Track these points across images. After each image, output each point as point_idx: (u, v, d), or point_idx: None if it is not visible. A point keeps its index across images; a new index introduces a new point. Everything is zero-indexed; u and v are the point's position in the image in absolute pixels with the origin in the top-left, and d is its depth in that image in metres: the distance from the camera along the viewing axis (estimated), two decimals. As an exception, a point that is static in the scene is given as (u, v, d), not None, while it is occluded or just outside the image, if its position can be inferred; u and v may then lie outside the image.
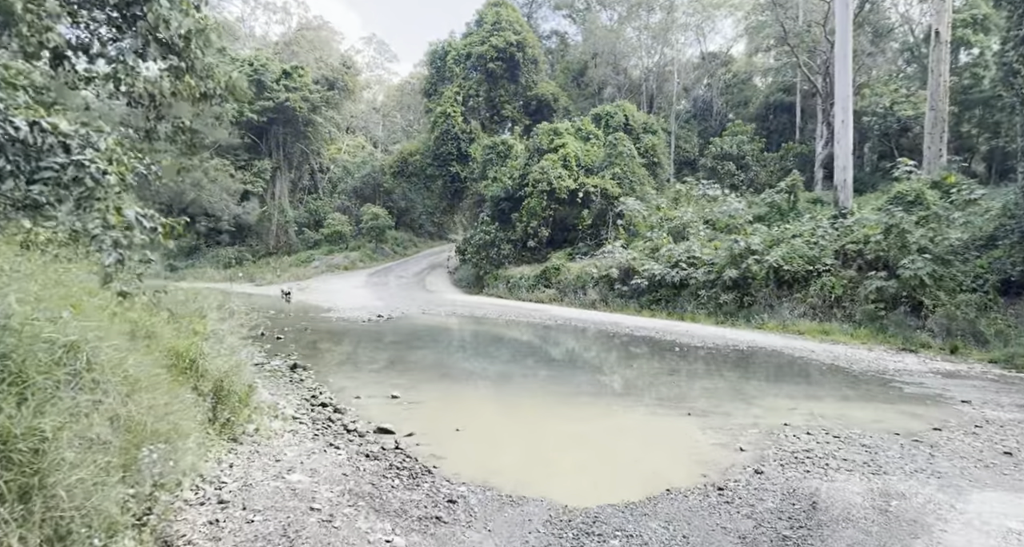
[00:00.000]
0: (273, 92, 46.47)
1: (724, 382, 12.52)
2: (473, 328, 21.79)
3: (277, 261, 46.80)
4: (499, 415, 10.02)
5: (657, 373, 13.51)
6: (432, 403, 10.52)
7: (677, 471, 7.17)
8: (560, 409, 10.44)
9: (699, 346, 17.18)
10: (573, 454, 7.90)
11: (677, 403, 10.57)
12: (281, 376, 11.88)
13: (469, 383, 12.29)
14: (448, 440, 8.29)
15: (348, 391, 10.98)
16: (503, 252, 33.04)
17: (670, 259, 24.85)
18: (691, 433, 8.68)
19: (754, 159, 39.61)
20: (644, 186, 31.84)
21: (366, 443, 7.71)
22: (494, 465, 7.27)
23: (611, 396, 11.45)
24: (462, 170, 38.54)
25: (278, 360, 13.67)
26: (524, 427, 9.28)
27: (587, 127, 34.09)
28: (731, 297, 22.51)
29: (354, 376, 12.62)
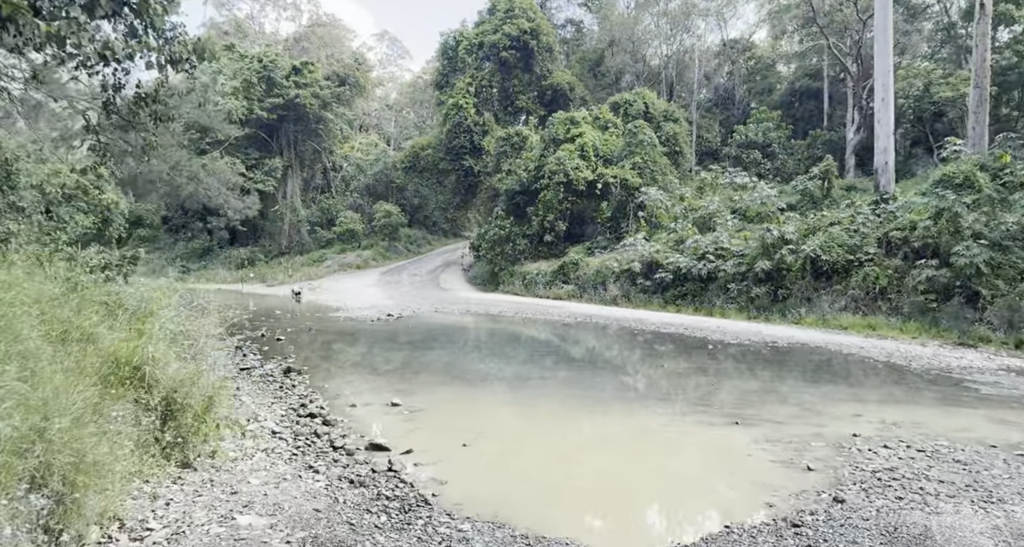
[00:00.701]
0: (283, 88, 45.53)
1: (768, 384, 11.06)
2: (488, 327, 20.48)
3: (289, 261, 45.89)
4: (514, 426, 8.68)
5: (690, 374, 12.08)
6: (438, 411, 9.21)
7: (735, 499, 5.78)
8: (584, 417, 9.07)
9: (733, 343, 15.70)
10: (603, 476, 6.53)
11: (719, 410, 9.15)
12: (271, 382, 10.65)
13: (481, 387, 10.97)
14: (453, 458, 6.97)
15: (344, 398, 9.71)
16: (519, 247, 31.67)
17: (696, 251, 23.34)
18: (743, 447, 7.27)
19: (781, 147, 37.85)
20: (666, 176, 30.29)
21: (353, 464, 6.41)
22: (507, 492, 5.94)
23: (641, 401, 10.05)
24: (475, 164, 37.25)
25: (272, 364, 12.45)
26: (543, 441, 7.92)
27: (605, 116, 32.61)
28: (764, 290, 20.96)
29: (353, 381, 11.36)
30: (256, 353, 13.95)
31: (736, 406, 9.33)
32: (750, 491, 5.89)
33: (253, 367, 12.04)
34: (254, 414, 8.08)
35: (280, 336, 16.70)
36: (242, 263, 46.31)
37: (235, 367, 11.92)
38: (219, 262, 48.33)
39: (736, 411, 8.96)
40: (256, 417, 7.98)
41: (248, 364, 12.33)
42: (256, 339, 16.32)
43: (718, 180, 29.11)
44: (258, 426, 7.55)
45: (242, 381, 10.62)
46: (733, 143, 38.29)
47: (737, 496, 5.86)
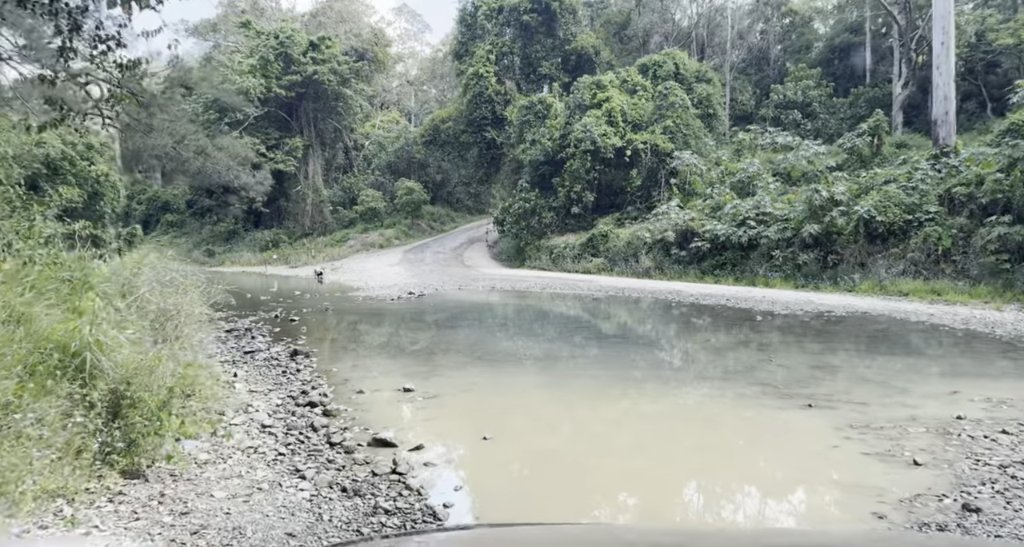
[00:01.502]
0: (300, 65, 44.40)
1: (835, 358, 9.69)
2: (513, 303, 19.30)
3: (312, 242, 45.26)
4: (542, 413, 7.49)
5: (741, 349, 10.75)
6: (456, 397, 8.06)
7: (829, 507, 4.51)
8: (624, 400, 7.83)
9: (782, 313, 14.28)
10: (655, 475, 5.31)
11: (784, 390, 7.83)
12: (275, 366, 9.60)
13: (505, 369, 9.79)
14: (471, 455, 5.82)
15: (352, 384, 8.62)
16: (545, 221, 30.30)
17: (736, 217, 21.75)
18: (824, 435, 5.97)
19: (822, 106, 35.64)
20: (700, 139, 28.52)
21: (351, 465, 5.29)
22: (538, 499, 4.77)
23: (691, 380, 8.77)
24: (498, 135, 35.77)
25: (280, 346, 11.43)
26: (578, 429, 6.72)
27: (633, 79, 30.80)
28: (812, 256, 19.37)
29: (365, 364, 10.27)
30: (266, 335, 12.97)
31: (803, 385, 7.99)
32: (848, 497, 4.61)
33: (258, 350, 11.04)
34: (245, 404, 7.01)
35: (294, 317, 15.73)
36: (266, 245, 45.84)
37: (238, 350, 10.95)
38: (244, 245, 47.96)
39: (805, 391, 7.64)
40: (247, 407, 6.91)
41: (254, 346, 11.34)
42: (269, 320, 15.39)
43: (757, 141, 27.26)
44: (246, 419, 6.48)
45: (244, 366, 9.61)
46: (770, 103, 36.16)
47: (833, 502, 4.59)
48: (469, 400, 8.06)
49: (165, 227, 52.86)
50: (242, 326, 14.02)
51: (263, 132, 45.21)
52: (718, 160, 26.39)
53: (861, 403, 6.97)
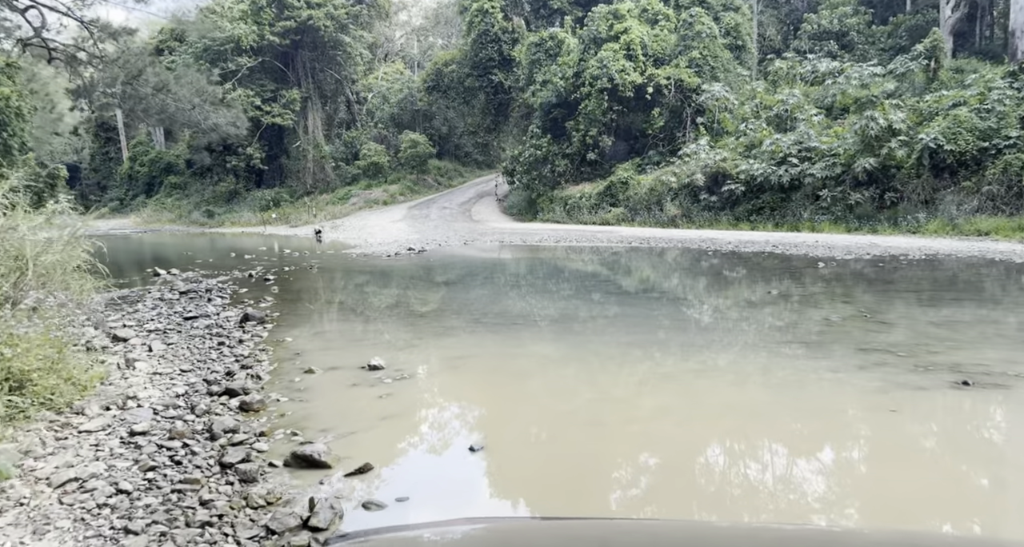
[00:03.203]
0: (295, 10, 41.41)
1: (952, 310, 7.36)
2: (523, 257, 17.03)
3: (313, 200, 43.07)
4: (556, 397, 5.29)
5: (821, 302, 8.43)
6: (438, 377, 5.90)
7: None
8: (701, 379, 5.60)
9: (848, 258, 11.90)
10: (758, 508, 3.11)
11: (910, 358, 5.53)
12: (215, 336, 7.47)
13: (508, 335, 7.58)
14: (446, 481, 3.65)
15: (304, 358, 6.47)
16: (558, 169, 27.69)
17: (775, 154, 19.12)
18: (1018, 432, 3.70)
19: (860, 35, 32.23)
20: (730, 72, 25.55)
21: (237, 512, 3.13)
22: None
23: (778, 350, 6.49)
24: (505, 78, 32.85)
25: (235, 310, 9.30)
26: (614, 424, 4.51)
27: (654, 7, 27.68)
28: (866, 195, 16.83)
29: (333, 330, 8.12)
30: (226, 297, 10.86)
31: (932, 350, 5.72)
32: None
33: (204, 315, 8.92)
34: (125, 397, 4.86)
35: (270, 276, 13.61)
36: (267, 205, 43.80)
37: (179, 316, 8.83)
38: (245, 205, 45.94)
39: (941, 359, 5.37)
40: (127, 401, 4.77)
41: (201, 311, 9.22)
42: (242, 280, 13.30)
43: (795, 71, 24.27)
44: (111, 422, 4.34)
45: (173, 336, 7.50)
46: (803, 34, 32.78)
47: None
48: (455, 381, 5.88)
49: (168, 189, 50.95)
50: (203, 287, 11.93)
51: (258, 84, 42.63)
52: (753, 92, 23.49)
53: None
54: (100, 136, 58.85)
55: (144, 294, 11.36)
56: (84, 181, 60.72)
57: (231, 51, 41.55)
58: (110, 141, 59.21)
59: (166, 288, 11.94)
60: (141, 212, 50.64)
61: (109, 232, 38.63)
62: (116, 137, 58.78)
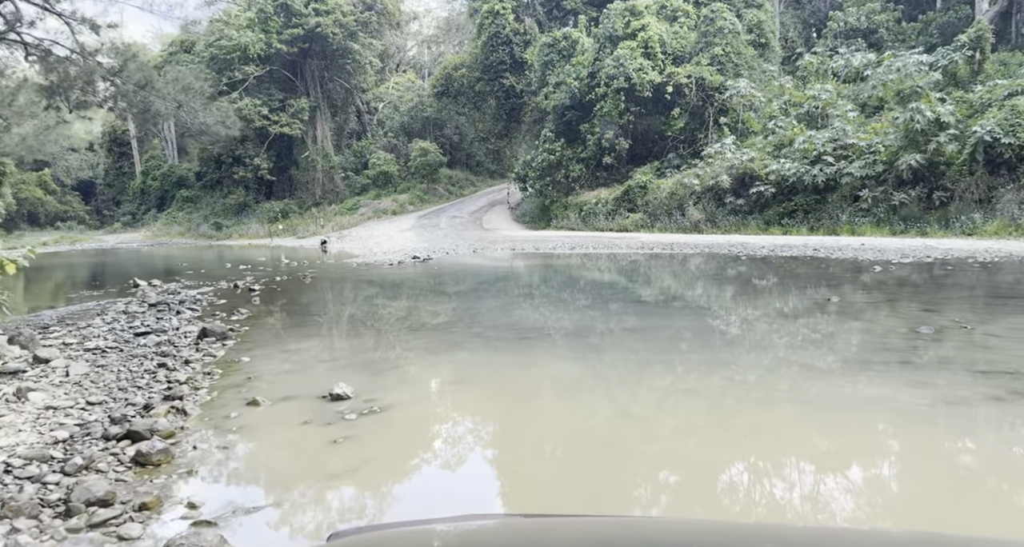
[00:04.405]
0: (302, 18, 40.69)
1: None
2: (534, 266, 15.68)
3: (322, 211, 42.14)
4: (571, 416, 3.90)
5: (890, 311, 6.99)
6: (416, 410, 4.55)
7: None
8: (773, 412, 4.20)
9: (905, 262, 10.41)
10: None
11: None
12: (164, 355, 6.19)
13: (510, 353, 6.20)
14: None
15: (254, 385, 5.15)
16: (572, 174, 26.34)
17: (808, 153, 17.65)
18: None
19: (890, 33, 30.68)
20: (754, 70, 24.13)
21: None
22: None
23: (852, 365, 5.06)
24: (517, 82, 31.64)
25: (199, 325, 8.01)
26: (633, 443, 3.12)
27: (673, 3, 26.40)
28: (912, 195, 15.31)
29: (304, 348, 6.79)
30: (197, 310, 9.60)
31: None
32: None
33: (160, 330, 7.65)
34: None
35: (256, 286, 12.36)
36: (275, 216, 42.98)
37: (128, 331, 7.57)
38: (253, 217, 45.21)
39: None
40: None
41: (161, 326, 7.96)
42: (225, 291, 12.09)
43: (826, 65, 22.78)
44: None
45: (112, 355, 6.23)
46: (828, 33, 31.30)
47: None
48: (438, 416, 4.52)
49: (180, 203, 50.44)
50: (178, 299, 10.70)
51: (266, 93, 41.94)
52: (781, 89, 22.03)
53: None
54: (114, 151, 58.73)
55: (109, 307, 10.17)
56: (99, 196, 60.58)
57: (238, 60, 40.91)
58: (123, 156, 59.00)
59: (137, 300, 10.75)
60: (151, 226, 50.10)
61: (116, 246, 37.93)
62: (129, 152, 58.54)
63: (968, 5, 32.55)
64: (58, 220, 55.99)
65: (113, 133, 57.03)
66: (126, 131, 56.57)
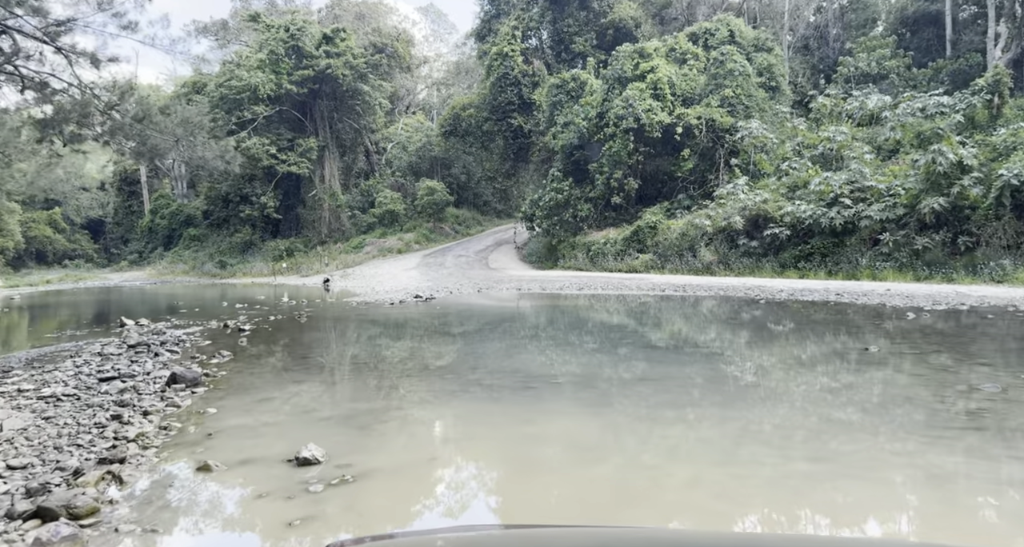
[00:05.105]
0: (312, 59, 41.16)
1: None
2: (541, 306, 15.01)
3: (327, 250, 41.84)
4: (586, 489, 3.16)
5: (949, 367, 6.24)
6: (397, 481, 3.82)
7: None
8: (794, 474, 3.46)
9: (939, 310, 9.68)
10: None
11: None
12: (115, 405, 5.51)
13: (512, 403, 5.48)
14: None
15: (214, 443, 4.45)
16: (580, 214, 25.88)
17: (824, 194, 17.11)
18: None
19: (900, 79, 30.54)
20: (765, 112, 23.82)
21: None
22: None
23: (905, 430, 4.32)
24: (525, 122, 31.54)
25: (176, 368, 7.33)
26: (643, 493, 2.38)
27: (683, 46, 26.34)
28: (936, 239, 14.64)
29: (281, 397, 6.08)
30: (178, 352, 8.93)
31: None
32: None
33: (130, 375, 6.98)
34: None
35: (246, 326, 11.71)
36: (280, 255, 42.71)
37: (92, 376, 6.89)
38: (259, 255, 44.99)
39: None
40: None
41: (129, 370, 7.28)
42: (214, 331, 11.44)
43: (840, 108, 22.44)
44: None
45: (66, 404, 5.56)
46: (839, 78, 31.20)
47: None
48: (423, 488, 3.79)
49: (187, 241, 50.42)
50: (160, 340, 10.05)
51: (275, 132, 42.15)
52: (794, 130, 21.64)
53: None
54: (124, 190, 59.10)
55: (85, 347, 9.53)
56: (108, 235, 60.75)
57: (248, 100, 41.24)
58: (133, 195, 59.35)
59: (117, 340, 10.11)
60: (157, 264, 49.91)
61: (120, 284, 37.50)
62: (139, 191, 58.90)
63: (979, 53, 32.54)
64: (66, 258, 55.88)
65: (124, 172, 57.47)
66: (136, 170, 57.00)
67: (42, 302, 24.21)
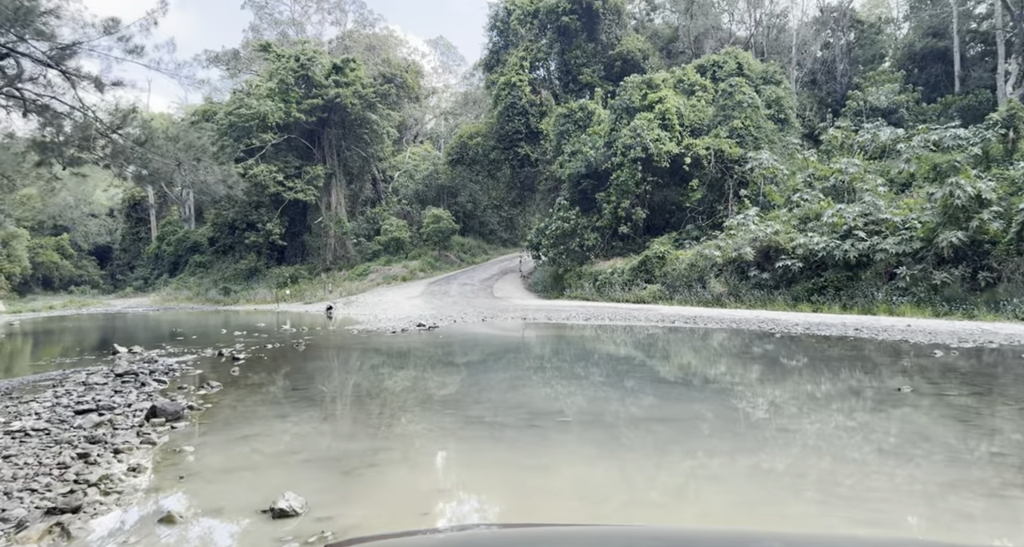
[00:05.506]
0: (322, 88, 41.48)
1: None
2: (547, 336, 14.56)
3: (331, 277, 41.57)
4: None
5: (998, 412, 5.76)
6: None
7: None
8: None
9: (970, 348, 9.20)
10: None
11: None
12: (90, 442, 5.08)
13: (512, 447, 5.02)
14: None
15: (184, 488, 4.01)
16: (587, 243, 25.55)
17: (837, 227, 16.73)
18: None
19: (910, 113, 30.41)
20: (775, 143, 23.61)
21: None
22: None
23: (972, 489, 3.85)
24: (532, 151, 31.46)
25: (162, 400, 6.91)
26: None
27: (691, 77, 26.32)
28: (955, 274, 14.19)
29: (263, 435, 5.64)
30: (166, 382, 8.51)
31: None
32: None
33: (109, 406, 6.56)
34: None
35: (241, 355, 11.29)
36: (285, 282, 42.49)
37: (69, 408, 6.48)
38: (263, 282, 44.75)
39: None
40: None
41: (109, 402, 6.86)
42: (207, 360, 11.03)
43: (851, 140, 22.20)
44: None
45: (32, 440, 5.14)
46: (848, 112, 31.10)
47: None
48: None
49: (193, 268, 50.37)
50: (150, 368, 9.65)
51: (282, 160, 42.26)
52: (805, 162, 21.37)
53: None
54: (132, 217, 59.31)
55: (70, 376, 9.12)
56: (115, 261, 60.80)
57: (256, 127, 41.47)
58: (141, 222, 59.54)
59: (105, 369, 9.70)
60: (161, 291, 49.69)
61: (123, 310, 37.21)
62: (147, 218, 59.10)
63: (988, 89, 32.50)
64: (72, 284, 55.78)
65: (132, 199, 57.75)
66: (145, 197, 57.29)
67: (41, 328, 23.90)
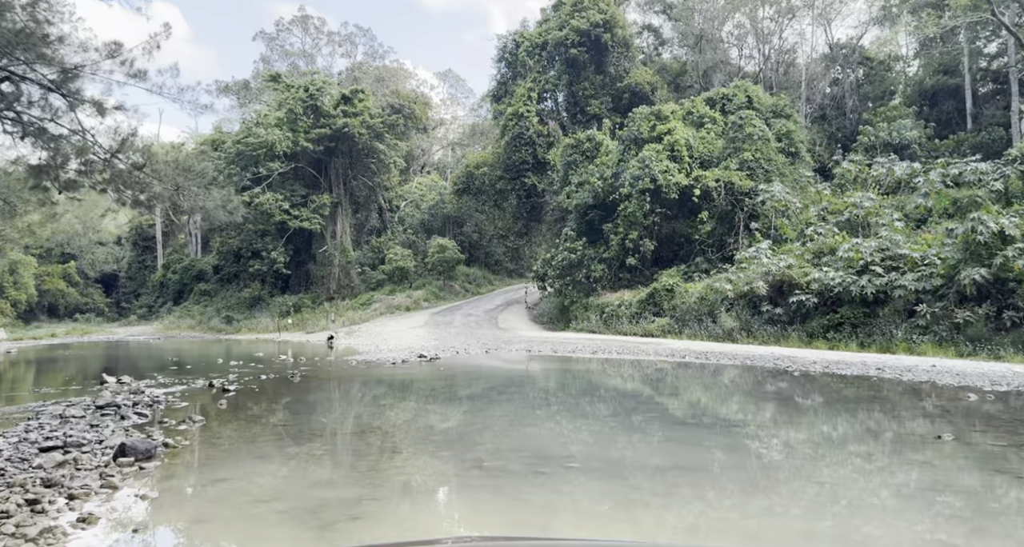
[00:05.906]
0: (330, 118, 41.67)
1: None
2: (552, 369, 14.00)
3: (334, 306, 41.16)
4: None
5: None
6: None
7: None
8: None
9: (1007, 391, 8.61)
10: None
11: None
12: (45, 485, 4.57)
13: (513, 498, 4.47)
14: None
15: (165, 537, 3.48)
16: (594, 275, 25.05)
17: (853, 262, 16.22)
18: None
19: (922, 149, 30.08)
20: (786, 176, 23.24)
21: None
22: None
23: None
24: (539, 182, 31.24)
25: (134, 437, 6.39)
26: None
27: (700, 109, 26.13)
28: (979, 313, 13.61)
29: (236, 478, 5.10)
30: (147, 415, 8.00)
31: None
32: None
33: (78, 443, 6.05)
34: None
35: (232, 386, 10.77)
36: (288, 310, 42.08)
37: (33, 444, 5.97)
38: (266, 311, 44.34)
39: None
40: None
41: (81, 438, 6.35)
42: (196, 391, 10.53)
43: (865, 174, 21.80)
44: None
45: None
46: (859, 147, 30.82)
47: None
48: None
49: (197, 296, 50.11)
50: (134, 400, 9.14)
51: (289, 188, 42.26)
52: (818, 195, 20.96)
53: None
54: (139, 245, 59.40)
55: (47, 409, 8.62)
56: (121, 289, 60.75)
57: (263, 156, 41.58)
58: (147, 250, 59.60)
59: (88, 400, 9.21)
60: (165, 319, 49.32)
61: (126, 338, 36.78)
62: (154, 247, 59.17)
63: (1001, 126, 32.26)
64: (77, 312, 55.54)
65: (140, 228, 57.87)
66: (152, 226, 57.38)
67: (38, 356, 23.49)
